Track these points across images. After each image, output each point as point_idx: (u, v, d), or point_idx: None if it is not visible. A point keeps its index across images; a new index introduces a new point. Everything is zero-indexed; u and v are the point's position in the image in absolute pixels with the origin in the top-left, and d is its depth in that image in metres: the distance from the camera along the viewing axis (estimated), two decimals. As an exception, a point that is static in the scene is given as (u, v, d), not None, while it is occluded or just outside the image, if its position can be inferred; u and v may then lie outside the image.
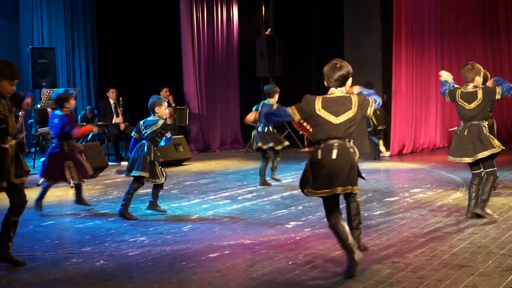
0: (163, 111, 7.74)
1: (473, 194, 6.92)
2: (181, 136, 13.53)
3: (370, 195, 8.80)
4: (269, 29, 16.32)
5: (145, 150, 7.50)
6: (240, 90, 16.64)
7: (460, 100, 6.94)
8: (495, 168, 6.94)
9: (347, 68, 5.11)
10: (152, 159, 7.53)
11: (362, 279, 4.92)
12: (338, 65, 5.12)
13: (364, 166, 11.98)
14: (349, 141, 5.05)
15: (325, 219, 7.12)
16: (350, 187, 5.05)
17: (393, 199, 8.50)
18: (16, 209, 5.61)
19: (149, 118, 7.71)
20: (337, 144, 4.97)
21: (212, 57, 15.98)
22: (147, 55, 17.29)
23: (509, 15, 15.42)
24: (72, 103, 8.35)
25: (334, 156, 4.94)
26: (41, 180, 10.40)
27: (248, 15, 17.07)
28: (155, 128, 7.59)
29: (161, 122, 7.64)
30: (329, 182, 4.94)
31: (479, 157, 6.80)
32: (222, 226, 7.03)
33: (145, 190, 8.38)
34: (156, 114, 7.69)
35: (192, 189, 9.72)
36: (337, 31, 15.07)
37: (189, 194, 9.21)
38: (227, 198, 8.88)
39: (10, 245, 5.57)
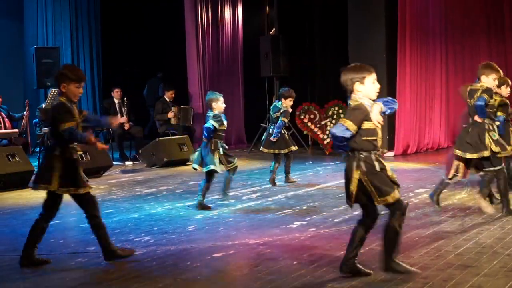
0: (220, 106, 8.03)
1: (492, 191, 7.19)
2: (185, 135, 13.54)
3: (374, 195, 8.79)
4: (274, 29, 16.32)
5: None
6: (244, 90, 16.65)
7: (467, 96, 7.07)
8: (497, 168, 6.97)
9: None
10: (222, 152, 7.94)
11: (367, 279, 4.92)
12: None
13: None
14: None
15: (330, 219, 7.16)
16: None
17: (397, 199, 8.48)
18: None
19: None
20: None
21: (216, 57, 16.00)
22: (152, 55, 17.31)
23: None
24: None
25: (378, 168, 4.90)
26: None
27: (253, 15, 17.08)
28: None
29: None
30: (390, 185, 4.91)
31: (468, 157, 6.89)
32: (227, 226, 7.03)
33: (149, 190, 8.37)
34: (213, 110, 7.96)
35: (197, 189, 9.68)
36: (341, 31, 15.06)
37: (194, 193, 9.17)
38: (231, 197, 8.87)
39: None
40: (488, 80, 6.99)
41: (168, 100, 14.43)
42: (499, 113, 7.61)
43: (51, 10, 16.46)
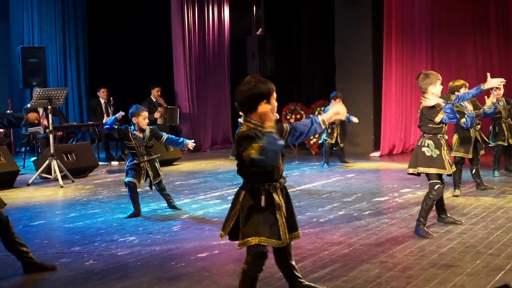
0: (142, 121, 7.91)
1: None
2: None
3: (360, 195, 8.84)
4: (260, 29, 16.33)
5: None
6: (231, 90, 16.64)
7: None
8: (433, 181, 6.43)
9: None
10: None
11: (350, 279, 4.94)
12: None
13: (354, 166, 12.04)
14: None
15: (315, 219, 7.18)
16: None
17: (382, 199, 8.53)
18: None
19: None
20: None
21: (203, 57, 15.99)
22: (138, 54, 17.27)
23: (499, 17, 15.47)
24: None
25: None
26: (31, 179, 10.43)
27: (239, 14, 17.07)
28: None
29: None
30: None
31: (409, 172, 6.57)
32: (212, 226, 7.03)
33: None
34: (134, 124, 7.94)
35: (182, 189, 9.73)
36: (328, 31, 15.09)
37: (179, 194, 9.21)
38: (217, 198, 8.88)
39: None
40: (437, 89, 6.47)
41: (154, 99, 14.42)
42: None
43: (37, 9, 16.41)
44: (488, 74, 7.44)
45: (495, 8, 15.38)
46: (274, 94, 4.10)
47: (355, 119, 11.95)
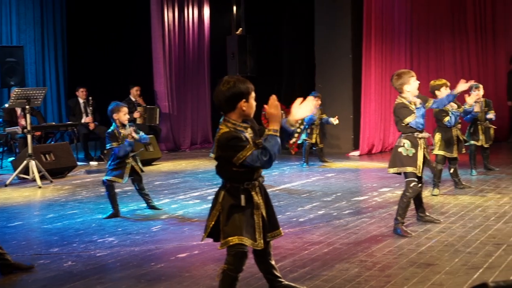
0: (123, 117, 7.80)
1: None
2: (151, 135, 13.46)
3: (339, 194, 8.87)
4: (240, 28, 16.32)
5: None
6: (211, 89, 16.60)
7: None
8: (408, 179, 6.44)
9: None
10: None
11: (330, 278, 4.95)
12: None
13: (333, 166, 12.07)
14: None
15: (295, 219, 7.19)
16: None
17: (362, 198, 8.57)
18: None
19: None
20: None
21: (183, 57, 15.94)
22: (118, 54, 17.20)
23: (477, 16, 15.62)
24: None
25: None
26: (9, 180, 10.34)
27: (220, 14, 17.04)
28: None
29: None
30: None
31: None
32: (192, 226, 7.01)
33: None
34: (115, 121, 7.83)
35: (162, 189, 9.69)
36: (309, 31, 15.13)
37: (159, 194, 9.17)
38: (197, 198, 8.86)
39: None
40: (412, 86, 6.46)
41: (133, 99, 14.36)
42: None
43: (15, 8, 16.29)
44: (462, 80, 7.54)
45: (473, 7, 15.53)
46: (253, 94, 4.12)
47: (333, 120, 11.98)
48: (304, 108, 4.08)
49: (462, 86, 7.09)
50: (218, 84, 4.13)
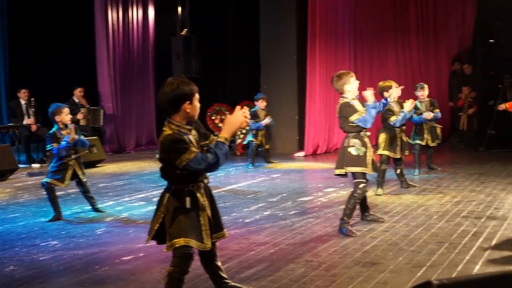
0: (65, 118, 7.68)
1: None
2: (95, 137, 13.29)
3: (285, 195, 8.91)
4: (185, 29, 16.24)
5: None
6: (155, 91, 16.48)
7: None
8: (357, 180, 6.50)
9: None
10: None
11: (276, 278, 4.96)
12: None
13: (279, 167, 12.12)
14: None
15: (240, 220, 7.18)
16: None
17: (307, 198, 8.62)
18: None
19: None
20: None
21: (127, 58, 15.80)
22: (61, 54, 16.89)
23: (419, 16, 15.95)
24: None
25: None
26: None
27: (164, 15, 16.94)
28: None
29: None
30: None
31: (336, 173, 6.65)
32: (137, 228, 6.94)
33: (57, 193, 8.15)
34: (58, 123, 7.69)
35: (107, 191, 9.57)
36: (254, 32, 15.15)
37: (103, 196, 9.06)
38: (142, 200, 8.78)
39: None
40: (352, 86, 6.63)
41: (77, 100, 14.15)
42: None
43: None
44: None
45: (415, 7, 15.86)
46: (197, 95, 4.10)
47: (267, 121, 12.15)
48: (235, 119, 3.99)
49: (395, 92, 7.28)
50: (162, 86, 4.10)
